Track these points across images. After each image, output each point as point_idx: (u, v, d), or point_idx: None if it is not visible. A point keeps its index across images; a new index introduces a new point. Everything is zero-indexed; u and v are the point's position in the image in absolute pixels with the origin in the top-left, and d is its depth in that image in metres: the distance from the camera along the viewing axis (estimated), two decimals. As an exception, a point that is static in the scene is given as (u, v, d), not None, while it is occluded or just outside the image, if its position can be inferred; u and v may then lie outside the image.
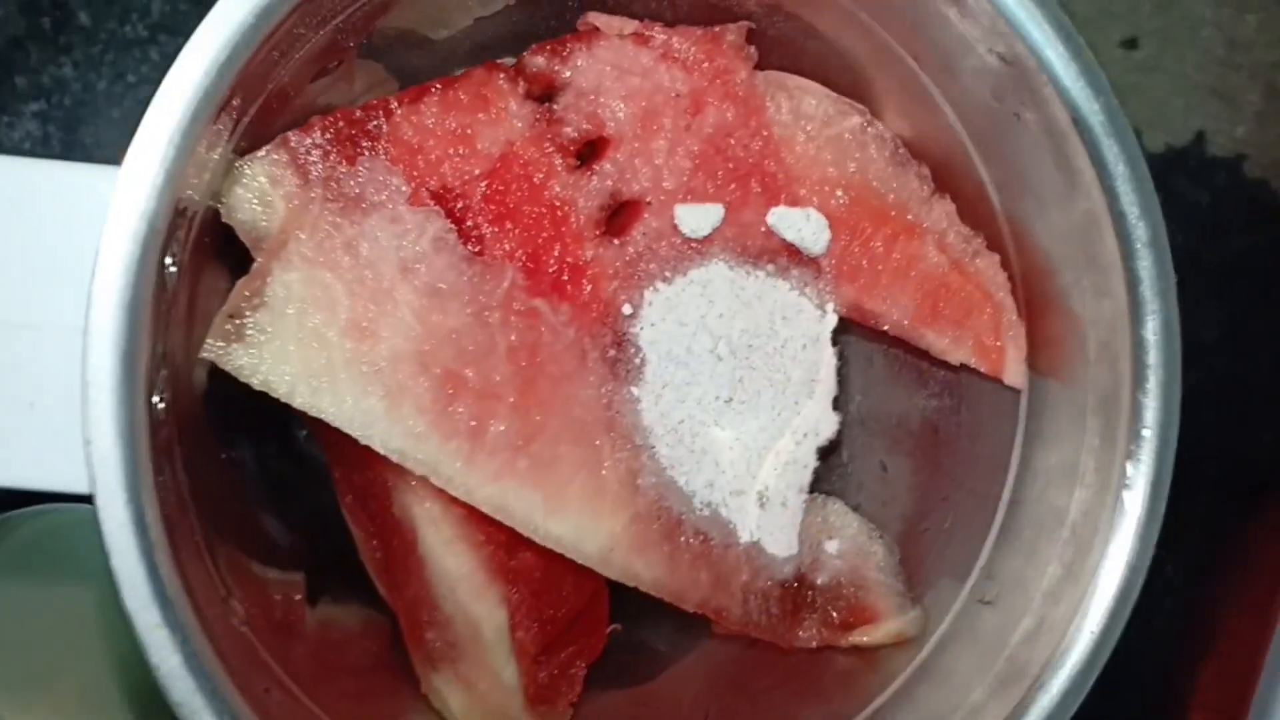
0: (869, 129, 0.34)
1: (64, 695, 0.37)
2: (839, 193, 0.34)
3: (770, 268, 0.34)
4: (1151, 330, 0.29)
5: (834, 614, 0.34)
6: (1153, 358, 0.29)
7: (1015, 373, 0.33)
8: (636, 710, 0.36)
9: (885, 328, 0.34)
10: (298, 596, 0.35)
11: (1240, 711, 0.41)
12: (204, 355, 0.29)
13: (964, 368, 0.34)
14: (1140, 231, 0.29)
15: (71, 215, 0.26)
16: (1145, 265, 0.29)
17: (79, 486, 0.25)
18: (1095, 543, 0.29)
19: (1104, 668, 0.29)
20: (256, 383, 0.29)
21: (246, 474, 0.37)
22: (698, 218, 0.33)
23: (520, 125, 0.32)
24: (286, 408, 0.36)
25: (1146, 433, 0.29)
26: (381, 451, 0.30)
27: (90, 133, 0.46)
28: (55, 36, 0.46)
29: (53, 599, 0.38)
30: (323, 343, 0.29)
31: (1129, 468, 0.29)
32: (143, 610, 0.25)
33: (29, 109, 0.46)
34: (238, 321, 0.29)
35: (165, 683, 0.25)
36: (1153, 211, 0.29)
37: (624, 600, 0.34)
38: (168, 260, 0.27)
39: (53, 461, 0.26)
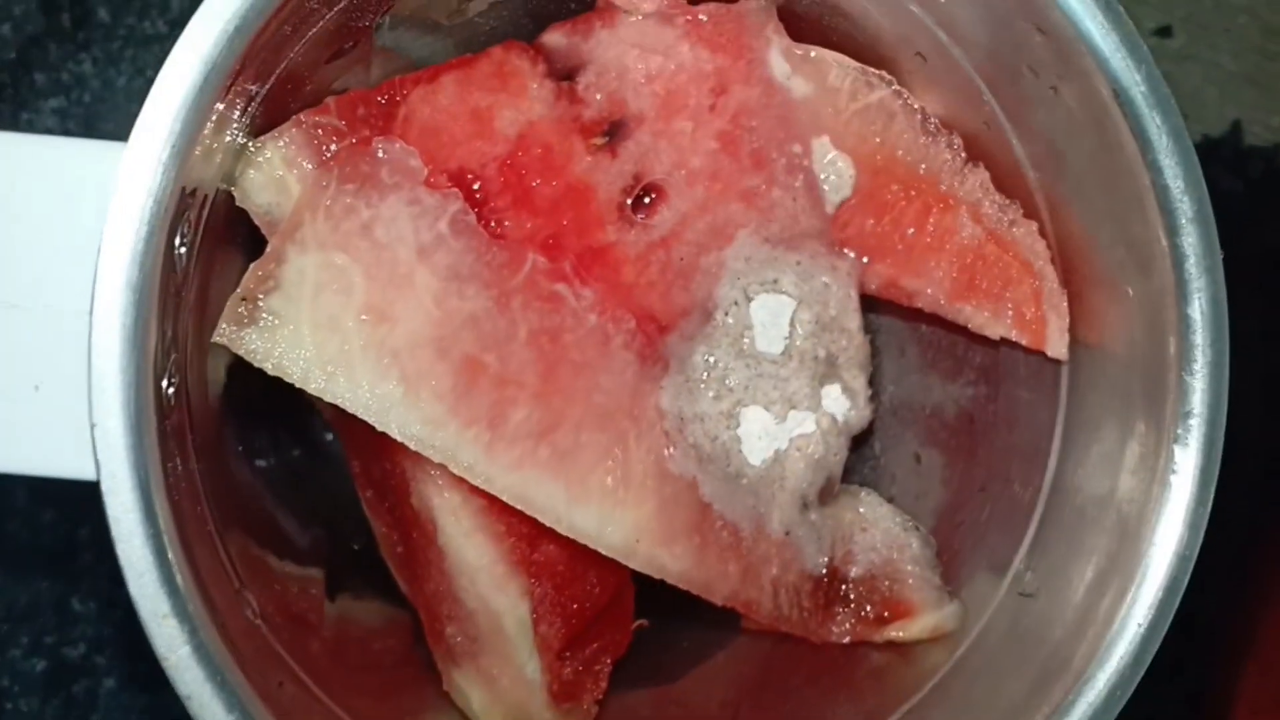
0: (897, 101, 0.33)
1: None
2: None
3: (799, 250, 0.33)
4: (1198, 308, 0.28)
5: (868, 608, 0.33)
6: (1200, 337, 0.28)
7: (1058, 344, 0.32)
8: (664, 709, 0.35)
9: (920, 305, 0.33)
10: (314, 592, 0.34)
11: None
12: (216, 339, 0.28)
13: (1004, 343, 0.33)
14: (1185, 206, 0.28)
15: (77, 193, 0.26)
16: (1190, 241, 0.28)
17: (86, 473, 0.24)
18: (1143, 531, 0.28)
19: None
20: (270, 368, 0.28)
21: (266, 470, 0.36)
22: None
23: (540, 106, 0.31)
24: (305, 401, 0.35)
25: (1194, 415, 0.28)
26: (399, 438, 0.29)
27: (110, 129, 0.46)
28: (74, 33, 0.46)
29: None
30: (338, 327, 0.28)
31: (1177, 452, 0.28)
32: (149, 599, 0.24)
33: (48, 105, 0.45)
34: (251, 305, 0.28)
35: (173, 674, 0.24)
36: (1198, 185, 0.28)
37: (651, 596, 0.33)
38: (177, 242, 0.26)
39: (59, 447, 0.25)
